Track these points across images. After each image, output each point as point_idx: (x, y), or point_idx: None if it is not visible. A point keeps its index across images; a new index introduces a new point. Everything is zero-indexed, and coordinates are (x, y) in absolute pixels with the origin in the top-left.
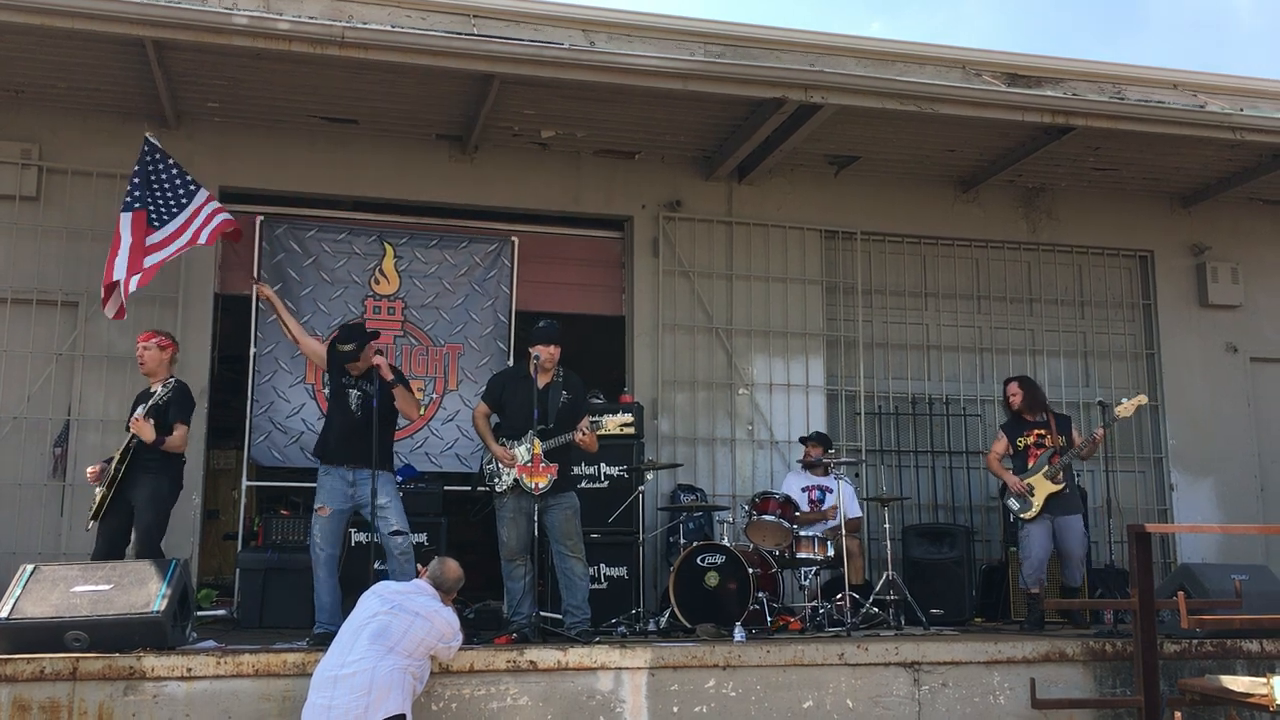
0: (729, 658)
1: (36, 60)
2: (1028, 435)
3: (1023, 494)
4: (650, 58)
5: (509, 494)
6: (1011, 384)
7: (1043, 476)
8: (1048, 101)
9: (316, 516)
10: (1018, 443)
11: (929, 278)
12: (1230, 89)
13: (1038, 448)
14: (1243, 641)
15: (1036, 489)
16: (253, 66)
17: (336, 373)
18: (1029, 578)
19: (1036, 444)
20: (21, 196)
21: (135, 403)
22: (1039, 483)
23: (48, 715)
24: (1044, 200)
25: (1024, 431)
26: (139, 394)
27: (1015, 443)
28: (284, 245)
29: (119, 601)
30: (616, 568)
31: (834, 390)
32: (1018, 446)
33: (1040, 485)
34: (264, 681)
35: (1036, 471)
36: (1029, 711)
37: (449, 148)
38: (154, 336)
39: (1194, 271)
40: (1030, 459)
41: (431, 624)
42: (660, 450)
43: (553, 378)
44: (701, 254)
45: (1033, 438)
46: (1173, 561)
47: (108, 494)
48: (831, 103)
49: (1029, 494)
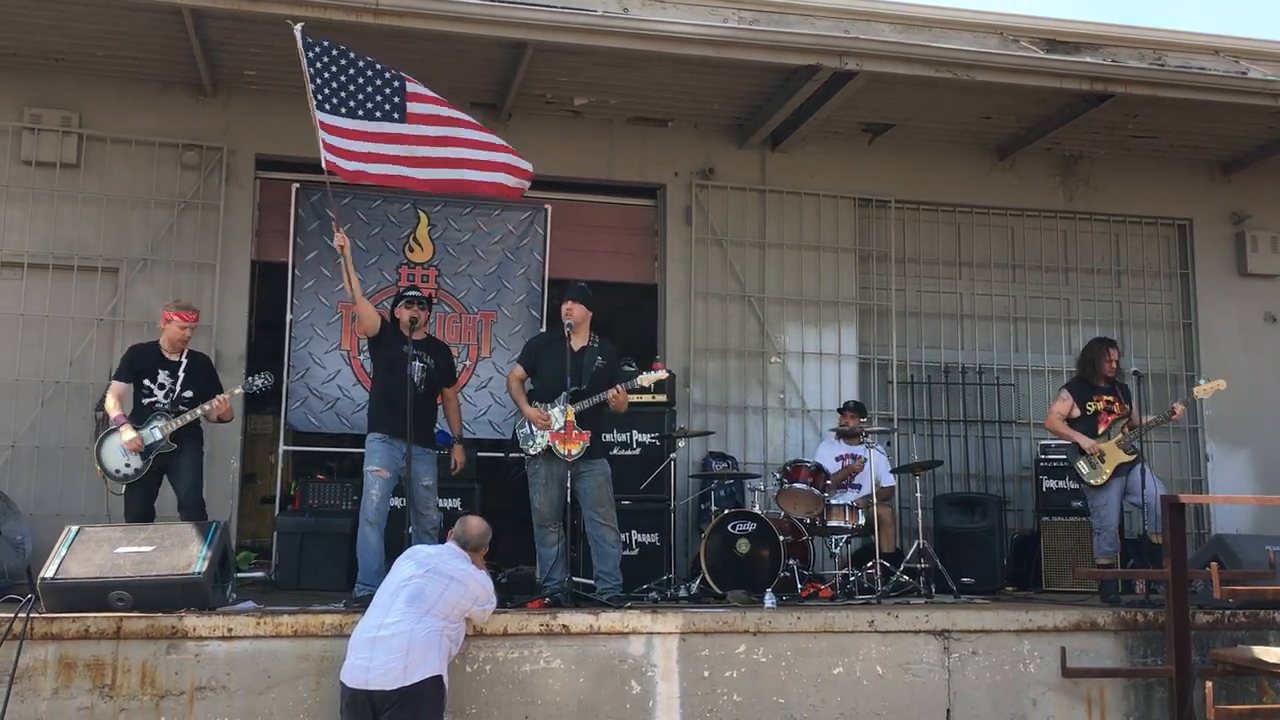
0: (759, 624)
1: (75, 29)
2: (1097, 400)
3: (1094, 458)
4: (683, 24)
5: (541, 460)
6: (1113, 349)
7: (1115, 445)
8: (1087, 68)
9: (375, 477)
10: (1087, 407)
11: (963, 246)
12: (1272, 54)
13: (1108, 413)
14: (1276, 613)
15: (1108, 456)
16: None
17: (396, 342)
18: (1107, 548)
19: (1106, 410)
20: (62, 164)
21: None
22: (1110, 450)
23: (92, 673)
24: (1081, 168)
25: (1094, 396)
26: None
27: (1085, 406)
28: (319, 213)
29: (161, 563)
30: (648, 534)
31: (866, 359)
32: (1086, 410)
33: (1111, 453)
34: (302, 642)
35: (1109, 438)
36: (1059, 680)
37: (483, 115)
38: (196, 318)
39: (1233, 240)
40: (1101, 424)
41: (466, 587)
42: (692, 418)
43: (588, 342)
44: (734, 222)
45: (1102, 403)
46: (1207, 532)
47: (147, 468)
48: (866, 70)
49: (1100, 459)
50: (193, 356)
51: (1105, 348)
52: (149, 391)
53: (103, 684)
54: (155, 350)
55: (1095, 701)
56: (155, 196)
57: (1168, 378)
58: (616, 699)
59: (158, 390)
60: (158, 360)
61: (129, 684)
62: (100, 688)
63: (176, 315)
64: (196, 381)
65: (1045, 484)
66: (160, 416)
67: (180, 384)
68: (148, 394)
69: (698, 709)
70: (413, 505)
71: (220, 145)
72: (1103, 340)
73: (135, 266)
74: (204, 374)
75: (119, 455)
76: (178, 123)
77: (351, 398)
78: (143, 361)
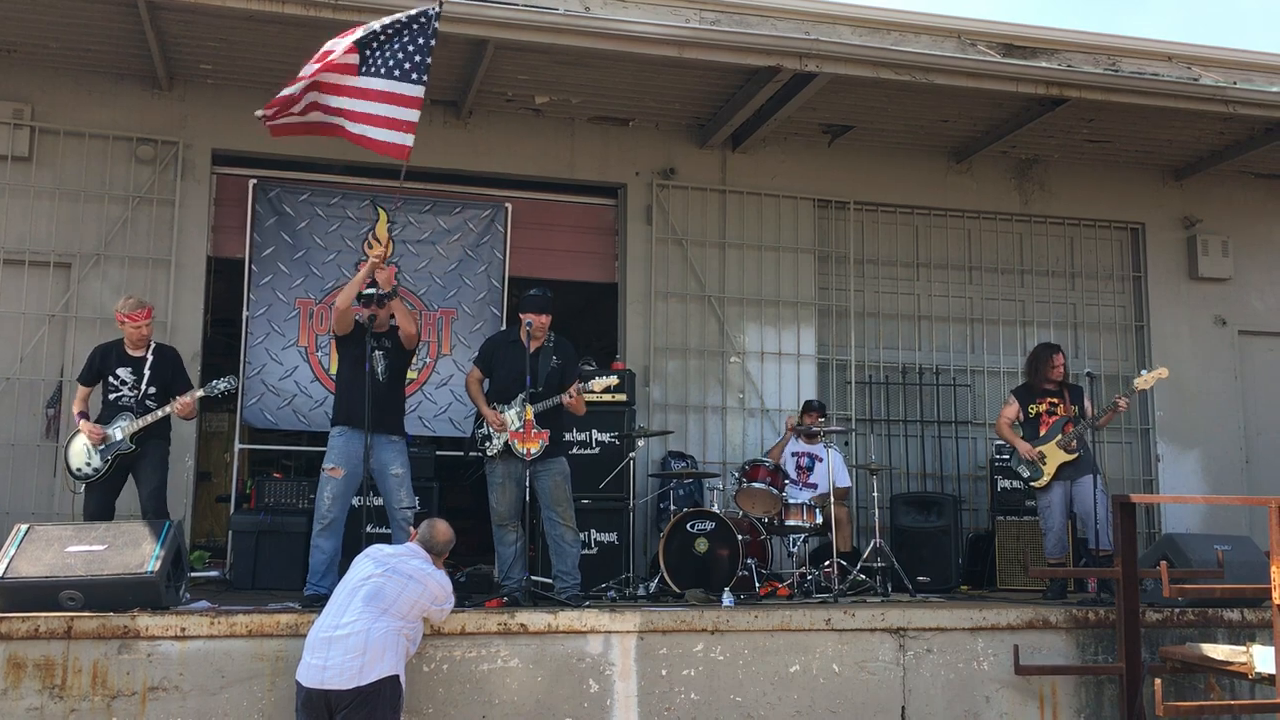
0: (717, 623)
1: (29, 19)
2: (1039, 403)
3: (1034, 461)
4: (645, 24)
5: (499, 459)
6: (1058, 354)
7: (1055, 445)
8: (1042, 73)
9: (328, 477)
10: (1029, 409)
11: (921, 248)
12: (1224, 62)
13: (1050, 415)
14: (1224, 611)
15: (1048, 457)
16: (246, 28)
17: (359, 339)
18: (1053, 548)
19: (1049, 411)
20: (14, 157)
21: (111, 363)
22: (1051, 451)
23: (43, 673)
24: (1036, 172)
25: (1035, 399)
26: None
27: (1026, 409)
28: (277, 209)
29: (113, 562)
30: (607, 533)
31: (825, 359)
32: (1029, 413)
33: (1052, 454)
34: (257, 642)
35: (1049, 440)
36: (1012, 677)
37: (443, 113)
38: (149, 313)
39: (1184, 244)
40: (1042, 427)
41: (424, 587)
42: (651, 417)
43: (543, 343)
44: (694, 222)
45: (1044, 405)
46: (1157, 531)
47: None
48: (826, 71)
49: (1040, 461)
50: (159, 351)
51: (1050, 353)
52: (114, 388)
53: (53, 684)
54: (118, 348)
55: (1048, 698)
56: (109, 191)
57: (1120, 379)
58: (574, 698)
59: (122, 387)
60: (119, 358)
61: (80, 684)
62: (50, 688)
63: (126, 319)
64: (164, 377)
65: (1000, 484)
66: (124, 416)
67: (146, 380)
68: (114, 390)
69: (655, 707)
70: (384, 497)
71: (176, 139)
72: (1048, 346)
73: (88, 262)
74: (172, 368)
75: (82, 454)
76: (132, 116)
77: (309, 394)
78: (103, 362)
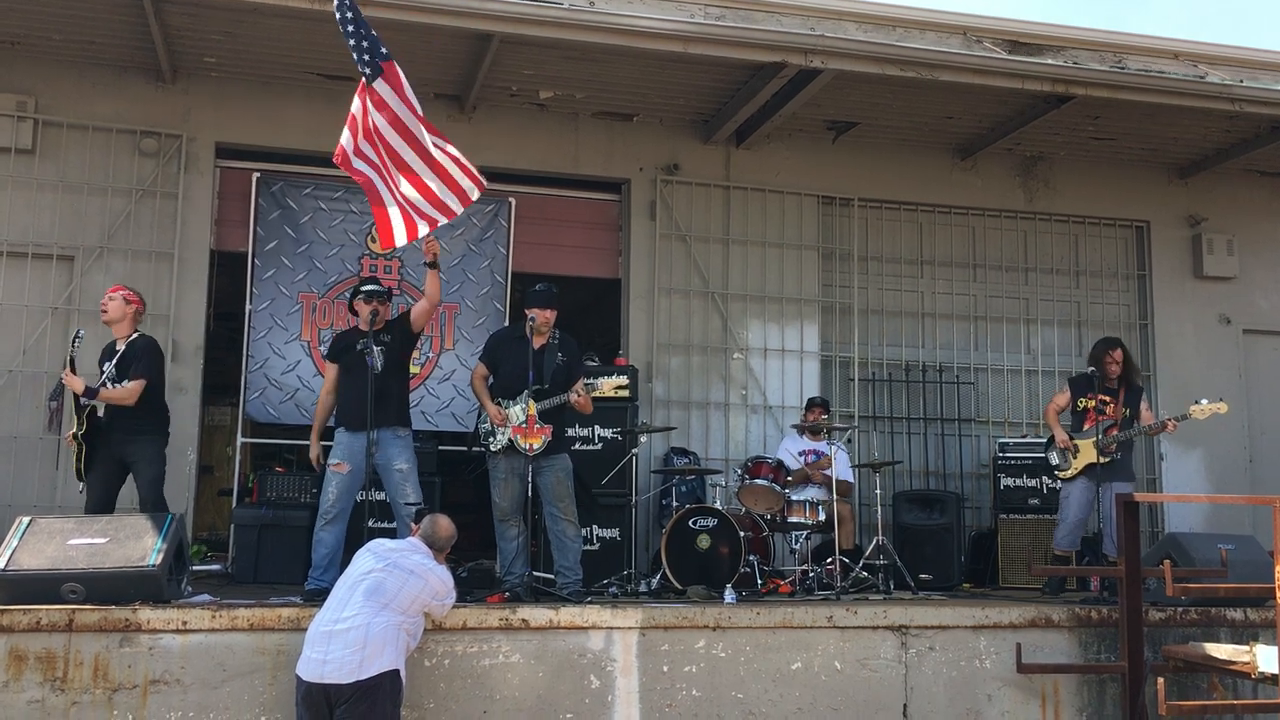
0: (719, 619)
1: (33, 12)
2: (1090, 399)
3: (1066, 451)
4: (650, 19)
5: (502, 455)
6: (1117, 350)
7: (1091, 444)
8: (1048, 70)
9: (334, 473)
10: (1079, 402)
11: (925, 245)
12: (1231, 60)
13: (1098, 413)
14: (1227, 610)
15: (1081, 452)
16: (250, 21)
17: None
18: (1062, 540)
19: (1097, 409)
20: (17, 149)
21: (102, 358)
22: (1085, 447)
23: (44, 666)
24: (1041, 169)
25: (1088, 393)
26: (105, 349)
27: (1077, 402)
28: (280, 202)
29: (115, 555)
30: (609, 529)
31: (828, 356)
32: (1078, 406)
33: (1085, 450)
34: (258, 635)
35: (1087, 437)
36: (1014, 676)
37: (447, 107)
38: (122, 289)
39: (1189, 243)
40: (1087, 422)
41: (425, 581)
42: (654, 413)
43: (548, 339)
44: (698, 218)
45: (1094, 402)
46: (1160, 530)
47: (80, 452)
48: (831, 68)
49: (1072, 454)
50: (130, 343)
51: (1105, 349)
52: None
53: (54, 677)
54: (111, 341)
55: (1050, 697)
56: (112, 184)
57: None
58: (575, 694)
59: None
60: (107, 350)
61: (81, 677)
62: (51, 681)
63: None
64: (127, 369)
65: (1003, 482)
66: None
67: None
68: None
69: (657, 704)
70: (389, 493)
71: (179, 133)
72: (1106, 340)
73: (91, 254)
74: (135, 361)
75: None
76: (136, 109)
77: (311, 389)
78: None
